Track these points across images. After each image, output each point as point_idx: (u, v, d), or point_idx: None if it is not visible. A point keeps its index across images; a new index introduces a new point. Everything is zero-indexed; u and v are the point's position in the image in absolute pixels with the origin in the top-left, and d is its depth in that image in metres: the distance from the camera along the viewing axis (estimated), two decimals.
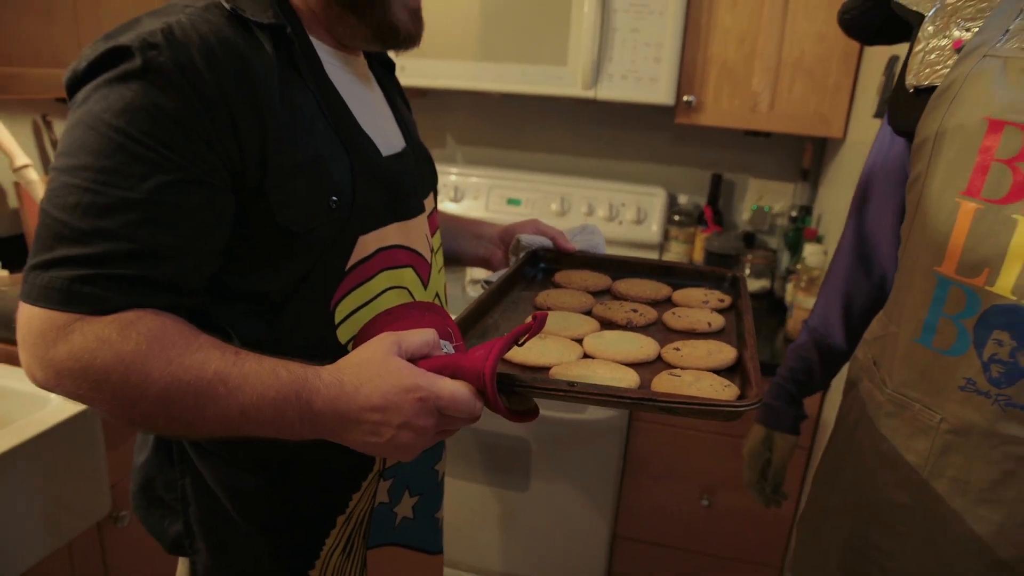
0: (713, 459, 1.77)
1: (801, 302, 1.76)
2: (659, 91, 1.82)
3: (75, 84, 0.67)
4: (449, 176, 2.31)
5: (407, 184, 0.88)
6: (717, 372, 0.81)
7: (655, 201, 2.19)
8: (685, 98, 1.87)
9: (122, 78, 0.64)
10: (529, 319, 0.72)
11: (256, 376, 0.64)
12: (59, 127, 1.93)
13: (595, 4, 1.75)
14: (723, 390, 0.74)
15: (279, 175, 0.71)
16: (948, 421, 0.85)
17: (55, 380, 0.63)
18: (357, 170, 0.79)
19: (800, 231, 2.03)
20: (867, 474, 0.96)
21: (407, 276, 0.86)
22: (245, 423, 0.65)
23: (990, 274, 0.79)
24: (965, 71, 0.81)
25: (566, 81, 1.85)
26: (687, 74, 1.86)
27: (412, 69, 1.91)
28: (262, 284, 0.74)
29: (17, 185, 1.84)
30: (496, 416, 0.70)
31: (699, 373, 0.79)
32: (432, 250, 0.94)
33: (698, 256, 2.19)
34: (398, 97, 0.99)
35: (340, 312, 0.78)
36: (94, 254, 0.62)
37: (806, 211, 2.10)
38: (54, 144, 1.90)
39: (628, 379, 0.77)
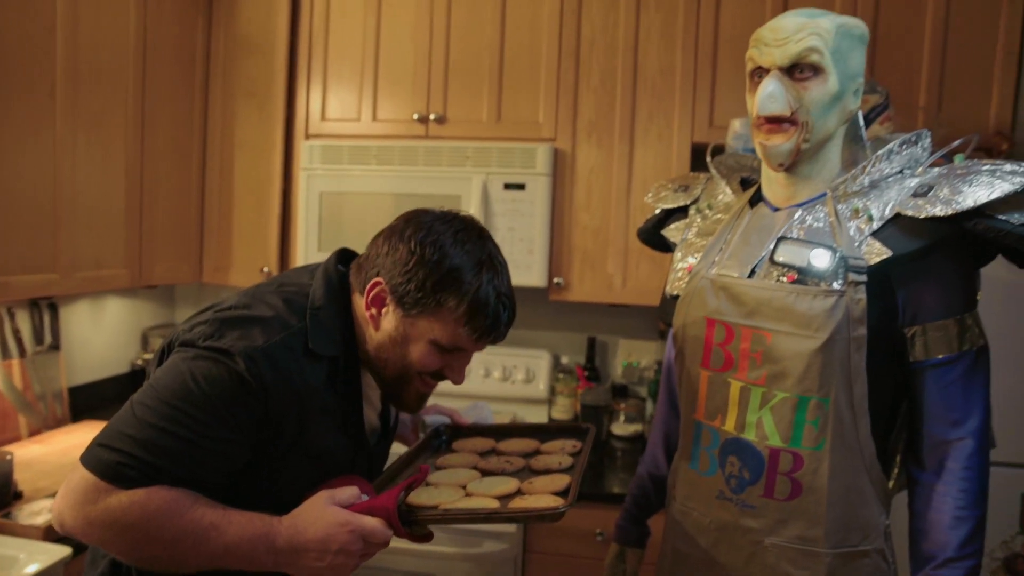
0: None
1: None
2: (533, 275, 2.28)
3: (189, 344, 0.97)
4: None
5: (381, 465, 1.23)
6: (556, 494, 1.11)
7: (541, 363, 2.60)
8: (555, 280, 2.33)
9: (224, 365, 0.94)
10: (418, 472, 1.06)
11: (238, 524, 0.94)
12: (21, 317, 2.18)
13: (478, 209, 2.24)
14: (551, 503, 1.06)
15: (295, 458, 1.02)
16: (714, 522, 1.22)
17: (83, 527, 0.90)
18: (353, 461, 1.11)
19: (658, 383, 2.46)
20: (672, 569, 1.31)
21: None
22: (227, 557, 0.94)
23: (722, 418, 1.20)
24: (693, 286, 1.26)
25: None
26: (555, 261, 2.34)
27: None
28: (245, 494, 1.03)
29: None
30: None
31: (540, 496, 1.10)
32: None
33: (579, 407, 2.57)
34: None
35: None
36: (144, 459, 0.90)
37: None
38: (15, 332, 2.14)
39: (490, 506, 1.09)
